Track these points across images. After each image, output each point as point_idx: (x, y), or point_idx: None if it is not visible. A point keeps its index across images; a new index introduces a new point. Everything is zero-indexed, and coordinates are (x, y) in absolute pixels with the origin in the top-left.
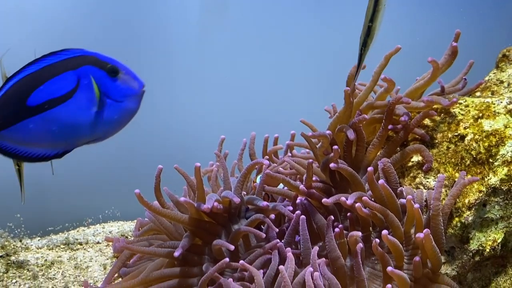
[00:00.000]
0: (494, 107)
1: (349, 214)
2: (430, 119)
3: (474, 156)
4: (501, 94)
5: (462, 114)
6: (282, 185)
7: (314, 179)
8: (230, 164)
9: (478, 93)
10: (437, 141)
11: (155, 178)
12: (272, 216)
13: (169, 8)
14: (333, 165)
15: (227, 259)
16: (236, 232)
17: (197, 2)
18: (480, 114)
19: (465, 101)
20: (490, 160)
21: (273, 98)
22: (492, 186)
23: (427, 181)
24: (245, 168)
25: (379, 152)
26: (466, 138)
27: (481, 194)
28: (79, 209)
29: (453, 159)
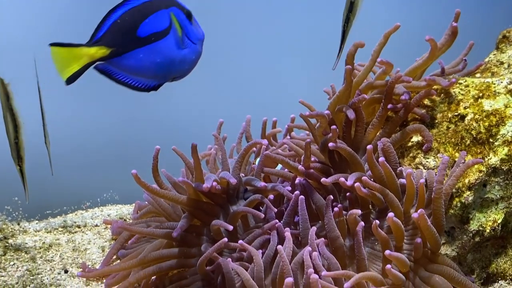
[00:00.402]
0: (495, 87)
1: (348, 194)
2: (430, 99)
3: (474, 136)
4: (501, 75)
5: (462, 94)
6: (281, 167)
7: (313, 160)
8: (229, 149)
9: (478, 75)
10: (437, 121)
11: (153, 159)
12: (271, 197)
13: None
14: (332, 145)
15: (226, 239)
16: (235, 213)
17: None
18: (480, 94)
19: (465, 81)
20: (491, 140)
21: (273, 82)
22: (493, 166)
23: (427, 161)
24: (243, 149)
25: (379, 132)
26: (466, 118)
27: (481, 174)
28: (77, 193)
29: (453, 139)
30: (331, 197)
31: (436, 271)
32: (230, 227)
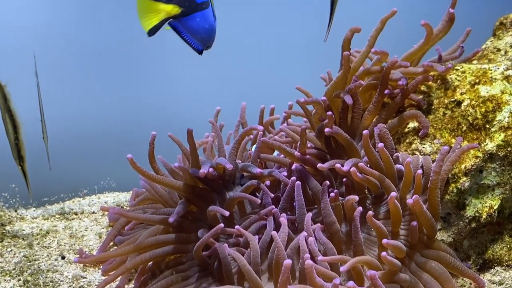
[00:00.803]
0: (491, 73)
1: (345, 180)
2: (426, 85)
3: (471, 122)
4: (498, 62)
5: (459, 80)
6: (277, 153)
7: (309, 146)
8: (226, 136)
9: (475, 61)
10: (434, 107)
11: (149, 145)
12: (268, 183)
13: None
14: (328, 130)
15: (222, 225)
16: (231, 199)
17: None
18: (477, 80)
19: (462, 67)
20: (487, 126)
21: (271, 70)
22: (489, 152)
23: (423, 147)
24: (239, 135)
25: (375, 118)
26: (463, 104)
27: (478, 160)
28: (75, 180)
29: (450, 125)
30: (328, 183)
31: (432, 257)
32: (227, 213)
